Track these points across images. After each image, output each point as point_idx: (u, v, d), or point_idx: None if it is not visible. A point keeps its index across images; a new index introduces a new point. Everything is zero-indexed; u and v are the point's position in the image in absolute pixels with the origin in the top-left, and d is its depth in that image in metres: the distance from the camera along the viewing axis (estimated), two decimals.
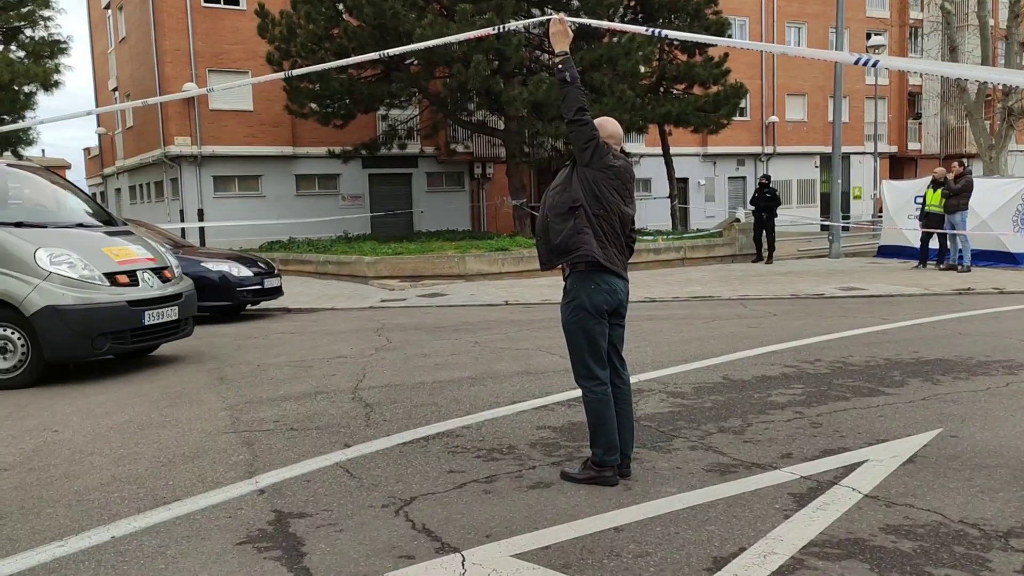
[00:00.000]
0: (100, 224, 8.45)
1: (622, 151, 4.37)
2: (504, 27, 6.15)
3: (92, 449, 5.15)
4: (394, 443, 5.04)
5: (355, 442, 5.08)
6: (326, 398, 6.36)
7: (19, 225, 7.46)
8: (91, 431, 5.60)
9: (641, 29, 5.83)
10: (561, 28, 4.27)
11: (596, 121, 4.27)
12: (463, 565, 3.28)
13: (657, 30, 5.56)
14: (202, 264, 11.45)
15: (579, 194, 4.15)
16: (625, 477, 4.27)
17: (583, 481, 4.21)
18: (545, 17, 4.58)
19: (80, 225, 8.19)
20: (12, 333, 7.15)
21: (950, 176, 15.31)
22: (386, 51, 6.91)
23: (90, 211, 8.69)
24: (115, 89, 30.64)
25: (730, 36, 26.46)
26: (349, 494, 4.15)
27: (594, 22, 7.70)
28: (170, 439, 5.32)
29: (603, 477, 4.19)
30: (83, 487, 4.40)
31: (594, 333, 4.19)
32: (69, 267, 7.24)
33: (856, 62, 4.01)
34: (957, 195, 15.03)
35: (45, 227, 7.67)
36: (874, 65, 3.90)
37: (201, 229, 22.94)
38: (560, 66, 4.21)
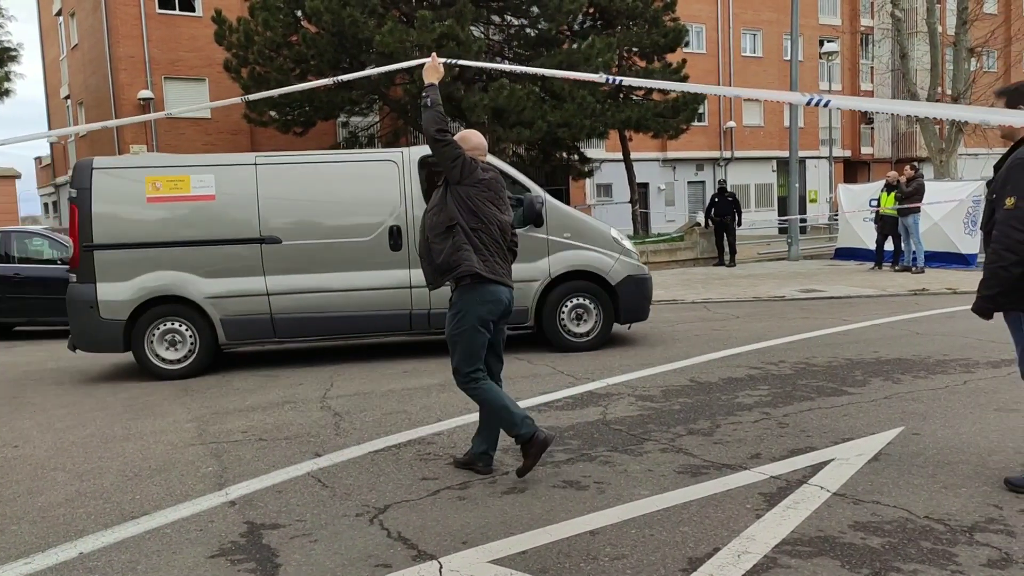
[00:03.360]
0: None
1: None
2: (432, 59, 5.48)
3: (55, 464, 5.04)
4: (365, 451, 5.01)
5: (326, 451, 5.04)
6: (294, 408, 6.30)
7: None
8: (53, 446, 5.49)
9: (575, 74, 5.47)
10: (433, 65, 4.56)
11: (458, 136, 4.44)
12: (441, 572, 3.27)
13: (608, 76, 4.84)
14: None
15: (455, 212, 4.30)
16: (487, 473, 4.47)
17: (534, 463, 4.33)
18: (421, 60, 4.76)
19: None
20: (588, 302, 8.34)
21: (902, 179, 15.66)
22: (339, 77, 6.84)
23: None
24: (67, 97, 30.06)
25: (687, 43, 26.71)
26: (322, 504, 4.12)
27: (474, 64, 7.74)
28: (135, 452, 5.23)
29: (535, 447, 4.28)
30: (47, 503, 4.31)
31: (476, 344, 4.36)
32: (626, 243, 8.59)
33: (808, 103, 3.99)
34: (909, 198, 15.38)
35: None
36: (826, 105, 3.90)
37: None
38: (424, 93, 4.44)
